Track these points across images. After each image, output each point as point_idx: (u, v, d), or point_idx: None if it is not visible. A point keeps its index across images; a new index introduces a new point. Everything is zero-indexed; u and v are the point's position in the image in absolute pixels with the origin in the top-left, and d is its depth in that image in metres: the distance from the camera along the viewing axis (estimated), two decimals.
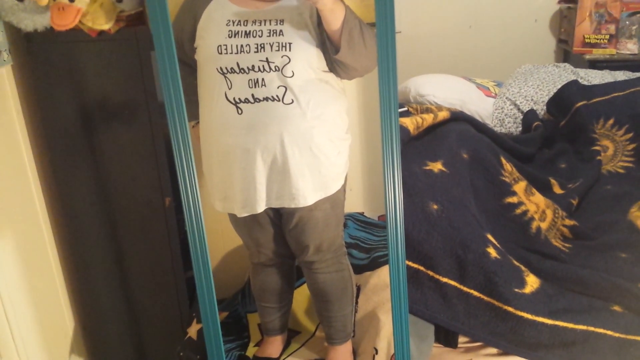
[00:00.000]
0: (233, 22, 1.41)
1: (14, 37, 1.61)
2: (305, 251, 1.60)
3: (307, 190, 1.46)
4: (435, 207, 1.79)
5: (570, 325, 1.62)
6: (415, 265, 1.72)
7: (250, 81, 1.38)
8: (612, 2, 3.38)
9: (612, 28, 3.40)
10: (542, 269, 1.82)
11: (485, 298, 1.69)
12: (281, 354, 1.83)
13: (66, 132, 1.71)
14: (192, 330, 1.82)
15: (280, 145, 1.40)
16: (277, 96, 1.38)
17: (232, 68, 1.38)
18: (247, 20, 1.40)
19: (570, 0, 3.54)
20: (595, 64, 3.34)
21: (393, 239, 1.31)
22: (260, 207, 1.47)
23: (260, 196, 1.45)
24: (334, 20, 1.32)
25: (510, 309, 1.65)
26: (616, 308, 1.68)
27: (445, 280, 1.71)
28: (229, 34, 1.39)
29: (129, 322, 1.97)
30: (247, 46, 1.38)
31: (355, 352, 1.77)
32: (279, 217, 1.59)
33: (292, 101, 1.39)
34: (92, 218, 1.81)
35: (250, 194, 1.45)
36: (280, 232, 1.62)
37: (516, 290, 1.68)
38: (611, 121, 2.62)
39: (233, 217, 1.60)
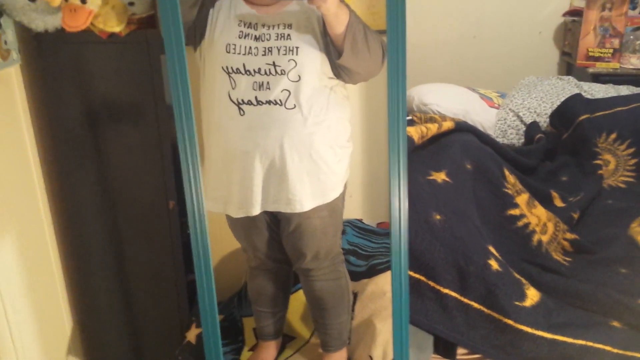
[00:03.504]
0: (244, 24, 1.40)
1: (24, 37, 1.61)
2: (301, 258, 1.59)
3: (304, 196, 1.45)
4: (438, 217, 1.80)
5: (569, 340, 1.62)
6: (417, 276, 1.72)
7: (255, 83, 1.38)
8: (617, 17, 3.39)
9: (616, 42, 3.40)
10: (542, 282, 1.82)
11: (486, 310, 1.69)
12: None
13: (72, 133, 1.71)
14: (191, 335, 1.82)
15: (280, 149, 1.39)
16: (279, 100, 1.38)
17: (237, 69, 1.38)
18: (257, 24, 1.40)
19: (575, 13, 3.56)
20: (598, 78, 3.34)
21: (397, 249, 1.30)
22: (256, 210, 1.46)
23: (256, 199, 1.45)
24: (338, 24, 1.31)
25: (510, 321, 1.65)
26: (615, 324, 1.68)
27: (446, 291, 1.71)
28: (239, 34, 1.39)
29: (127, 324, 1.96)
30: (256, 49, 1.38)
31: (350, 359, 1.76)
32: (276, 223, 1.58)
33: (295, 106, 1.39)
34: (94, 219, 1.81)
35: (246, 195, 1.45)
36: (277, 238, 1.61)
37: (516, 303, 1.68)
38: (614, 135, 2.62)
39: (231, 219, 1.59)
